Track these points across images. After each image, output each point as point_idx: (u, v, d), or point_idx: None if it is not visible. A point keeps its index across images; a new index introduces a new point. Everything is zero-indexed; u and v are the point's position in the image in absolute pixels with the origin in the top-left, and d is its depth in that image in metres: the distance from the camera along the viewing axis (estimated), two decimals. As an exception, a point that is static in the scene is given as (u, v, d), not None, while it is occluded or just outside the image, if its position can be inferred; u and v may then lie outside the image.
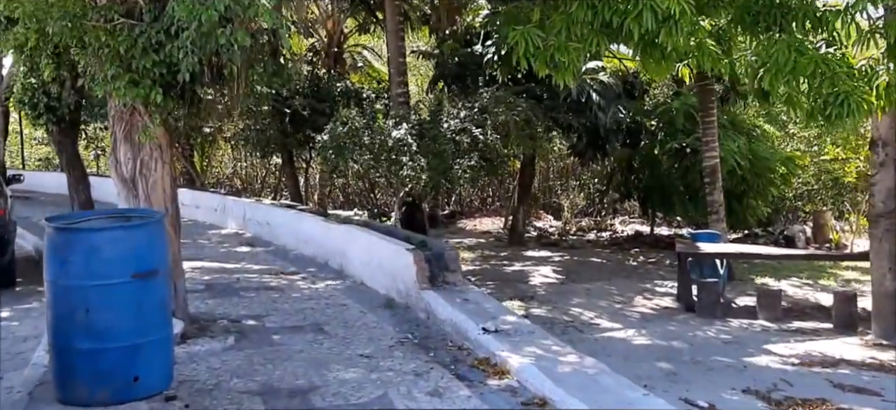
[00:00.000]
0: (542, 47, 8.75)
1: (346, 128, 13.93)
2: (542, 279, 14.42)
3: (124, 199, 6.48)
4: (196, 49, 5.38)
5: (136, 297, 4.82)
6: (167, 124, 6.50)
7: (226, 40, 5.27)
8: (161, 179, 6.50)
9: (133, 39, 5.67)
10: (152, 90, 5.83)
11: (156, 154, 6.46)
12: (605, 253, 17.94)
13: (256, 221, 13.42)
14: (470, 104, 13.78)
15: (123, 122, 6.38)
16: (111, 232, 4.88)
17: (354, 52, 25.06)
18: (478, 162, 12.95)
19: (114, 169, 6.51)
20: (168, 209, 6.57)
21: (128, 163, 6.47)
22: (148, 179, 6.45)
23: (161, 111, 6.25)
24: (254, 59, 5.98)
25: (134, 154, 6.44)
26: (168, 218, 6.54)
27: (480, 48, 16.81)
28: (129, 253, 4.80)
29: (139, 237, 4.91)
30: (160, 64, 5.77)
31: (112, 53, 5.70)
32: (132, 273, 4.79)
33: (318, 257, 10.75)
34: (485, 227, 23.21)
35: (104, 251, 4.74)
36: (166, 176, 6.55)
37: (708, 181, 14.17)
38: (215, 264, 10.51)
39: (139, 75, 5.80)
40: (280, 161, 20.82)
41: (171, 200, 6.61)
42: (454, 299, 7.09)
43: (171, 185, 6.63)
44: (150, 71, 5.78)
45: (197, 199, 16.17)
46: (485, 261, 16.38)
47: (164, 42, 5.60)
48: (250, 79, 6.00)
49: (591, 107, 15.50)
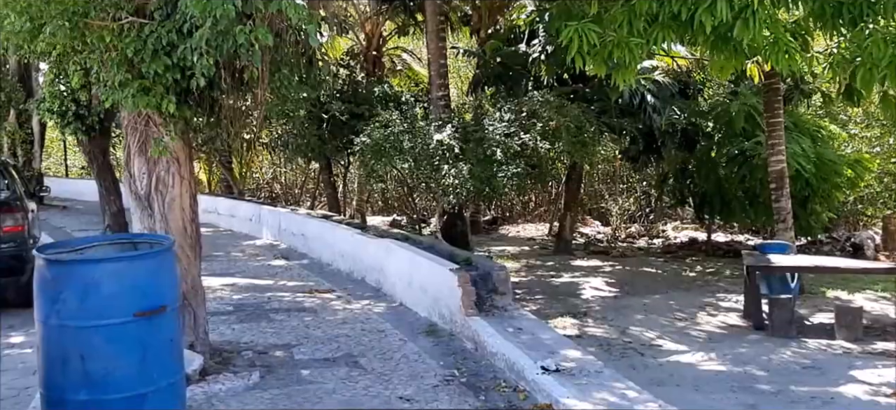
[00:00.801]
0: (598, 44, 7.97)
1: (385, 131, 13.26)
2: (593, 292, 13.55)
3: (138, 219, 5.83)
4: (212, 50, 4.68)
5: (140, 339, 4.13)
6: (185, 135, 5.83)
7: (245, 39, 4.57)
8: (179, 197, 5.83)
9: (142, 40, 5.00)
10: (165, 98, 5.16)
11: (173, 168, 5.80)
12: (658, 263, 17.00)
13: (291, 232, 12.80)
14: (516, 107, 12.98)
15: (137, 133, 5.73)
16: (110, 264, 4.19)
17: (394, 55, 24.41)
18: (524, 169, 12.14)
19: (127, 185, 5.87)
20: (187, 229, 5.91)
21: (142, 179, 5.82)
22: (164, 196, 5.79)
23: (177, 121, 5.58)
24: (280, 62, 5.26)
25: (149, 169, 5.79)
26: (187, 239, 5.89)
27: (525, 47, 16.05)
28: (132, 288, 4.12)
29: (144, 268, 4.22)
30: (173, 68, 5.10)
31: (119, 57, 5.04)
32: (135, 311, 4.10)
33: (355, 272, 10.06)
34: (528, 233, 22.38)
35: (102, 286, 4.06)
36: (185, 193, 5.88)
37: (774, 187, 13.16)
38: (247, 280, 9.88)
39: (150, 81, 5.13)
40: (318, 167, 20.26)
41: (190, 220, 5.94)
42: (505, 328, 6.31)
43: (191, 203, 5.96)
44: (162, 76, 5.11)
45: (233, 208, 15.64)
46: (531, 272, 15.55)
47: (176, 43, 4.92)
48: (276, 84, 5.29)
49: (644, 108, 14.59)
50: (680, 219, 22.51)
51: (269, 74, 5.10)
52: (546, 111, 12.38)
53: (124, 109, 5.30)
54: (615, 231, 20.90)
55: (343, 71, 18.76)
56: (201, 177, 27.94)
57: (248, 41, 4.56)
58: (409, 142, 13.02)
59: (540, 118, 12.56)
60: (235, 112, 5.48)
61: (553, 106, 12.46)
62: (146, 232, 5.52)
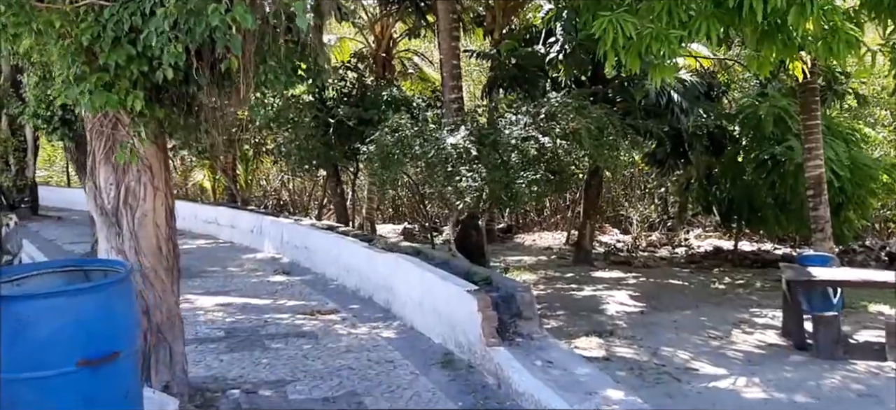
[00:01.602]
0: (634, 37, 7.11)
1: (394, 136, 12.41)
2: (618, 307, 12.66)
3: (105, 237, 4.98)
4: (181, 34, 3.83)
5: (84, 394, 3.29)
6: (159, 139, 4.98)
7: (220, 20, 3.72)
8: (152, 211, 4.98)
9: (101, 25, 4.16)
10: (130, 95, 4.31)
11: (145, 178, 4.95)
12: (684, 274, 16.09)
13: (294, 245, 11.95)
14: (534, 109, 12.09)
15: (103, 138, 4.88)
16: (47, 299, 3.34)
17: (404, 57, 23.60)
18: (544, 175, 11.24)
19: (92, 198, 5.02)
20: (162, 249, 5.06)
21: (109, 191, 4.97)
22: (134, 211, 4.94)
23: (148, 122, 4.74)
24: (266, 51, 4.40)
25: (117, 178, 4.94)
26: (162, 261, 5.03)
27: (542, 47, 15.19)
28: (76, 330, 3.29)
29: (91, 304, 3.38)
30: (139, 59, 4.26)
31: (74, 46, 4.19)
32: (79, 358, 3.26)
33: (362, 290, 9.20)
34: (545, 242, 21.48)
35: (37, 327, 3.23)
36: (160, 206, 5.04)
37: (812, 194, 12.26)
38: (242, 300, 9.03)
39: (111, 75, 4.29)
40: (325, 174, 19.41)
41: (166, 238, 5.09)
42: (533, 360, 5.43)
43: (168, 218, 5.11)
44: (125, 68, 4.26)
45: (234, 219, 14.81)
46: (549, 284, 14.65)
47: (140, 27, 4.07)
48: (262, 78, 4.43)
49: (672, 109, 13.68)
50: (702, 227, 21.54)
51: (253, 66, 4.24)
52: (566, 112, 11.48)
53: (84, 109, 4.44)
54: (636, 239, 19.96)
55: (351, 74, 17.92)
56: (205, 185, 27.23)
57: (223, 23, 3.71)
58: (420, 148, 12.17)
59: (559, 120, 11.67)
60: (215, 112, 4.61)
61: (573, 107, 11.56)
62: (104, 257, 4.67)
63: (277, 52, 4.39)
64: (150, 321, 4.91)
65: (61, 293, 3.45)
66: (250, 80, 4.25)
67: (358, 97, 16.93)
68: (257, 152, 19.40)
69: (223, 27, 3.78)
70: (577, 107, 11.49)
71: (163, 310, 4.99)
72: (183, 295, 9.54)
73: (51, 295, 3.41)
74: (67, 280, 3.77)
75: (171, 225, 5.14)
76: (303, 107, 15.70)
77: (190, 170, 26.66)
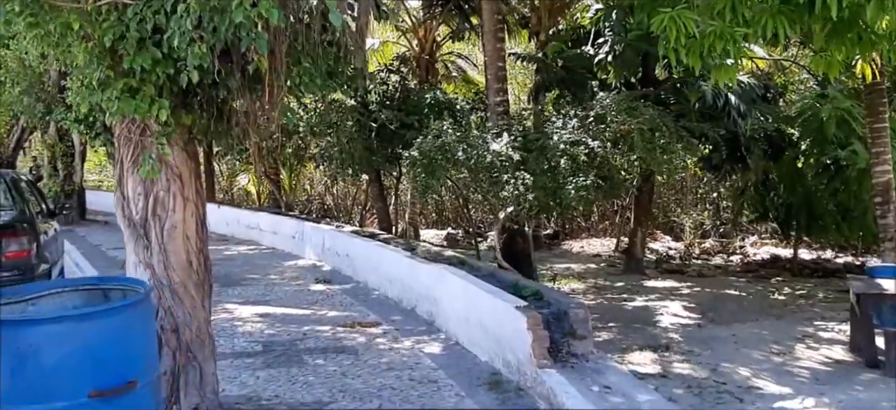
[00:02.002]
0: (697, 35, 6.66)
1: (437, 142, 12.05)
2: (672, 319, 12.12)
3: (132, 250, 4.71)
4: (206, 33, 3.52)
5: (96, 429, 2.97)
6: (189, 146, 4.69)
7: (244, 16, 3.38)
8: (182, 222, 4.69)
9: (124, 25, 3.87)
10: (155, 103, 4.01)
11: (175, 188, 4.66)
12: (741, 283, 15.45)
13: (335, 252, 11.66)
14: (583, 112, 11.63)
15: (131, 145, 4.60)
16: (55, 324, 3.04)
17: (448, 60, 23.27)
18: (594, 181, 10.76)
19: (119, 209, 4.75)
20: (192, 263, 4.76)
21: (137, 201, 4.70)
22: (163, 222, 4.65)
23: (179, 130, 4.45)
24: (300, 52, 4.07)
25: (145, 188, 4.66)
26: (192, 275, 4.74)
27: (591, 49, 14.71)
28: (87, 357, 2.99)
29: (105, 329, 3.07)
30: (165, 62, 3.95)
31: (96, 49, 3.91)
32: (91, 389, 2.95)
33: (404, 301, 8.85)
34: (593, 249, 20.93)
35: (44, 354, 2.93)
36: (190, 217, 4.74)
37: (880, 201, 11.55)
38: (282, 310, 8.75)
39: (137, 80, 3.99)
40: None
41: (197, 251, 4.79)
42: (588, 385, 5.01)
43: (199, 230, 4.81)
44: (150, 72, 3.96)
45: (276, 224, 14.62)
46: (599, 294, 14.15)
47: (164, 27, 3.77)
48: (296, 81, 4.10)
49: (728, 112, 13.07)
50: (757, 234, 20.74)
51: (285, 68, 3.91)
52: (617, 114, 10.99)
53: (109, 116, 4.16)
54: (689, 247, 19.28)
55: (393, 77, 17.63)
56: (250, 190, 27.24)
57: (248, 19, 3.38)
58: (463, 154, 11.79)
59: (609, 123, 11.18)
60: (247, 116, 4.29)
61: (624, 108, 11.07)
62: (131, 272, 4.38)
63: (312, 52, 4.05)
64: (180, 340, 4.62)
65: (68, 317, 3.15)
66: (282, 83, 3.92)
67: (400, 101, 16.63)
68: (300, 157, 19.22)
69: (248, 24, 3.45)
70: (627, 108, 11.00)
71: (193, 328, 4.69)
72: (222, 305, 9.35)
73: (57, 319, 3.12)
74: (85, 300, 3.47)
75: (202, 237, 4.84)
76: (344, 111, 15.44)
77: (235, 174, 26.74)
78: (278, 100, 4.03)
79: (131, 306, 3.21)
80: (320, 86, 4.19)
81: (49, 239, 8.61)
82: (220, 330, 7.74)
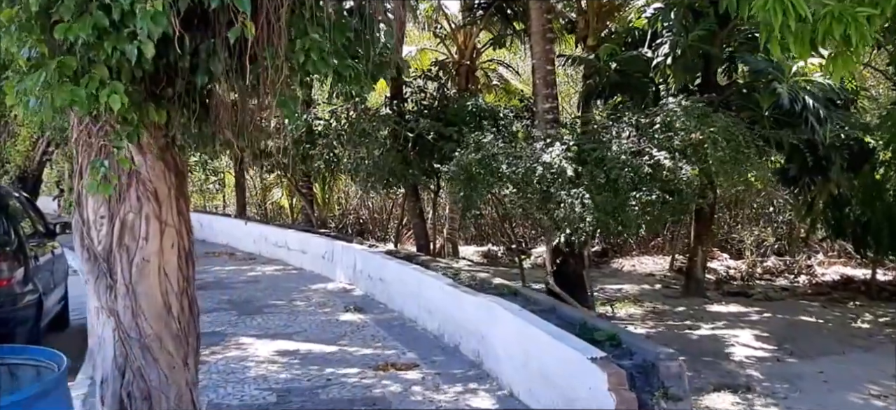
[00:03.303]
0: (808, 18, 5.32)
1: (478, 154, 10.84)
2: (746, 350, 10.75)
3: (93, 290, 3.56)
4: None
5: None
6: (167, 153, 3.54)
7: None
8: (157, 254, 3.54)
9: (58, -17, 2.73)
10: (106, 88, 2.86)
11: (148, 209, 3.51)
12: (814, 308, 13.96)
13: (368, 275, 10.48)
14: (646, 119, 10.34)
15: (92, 152, 3.47)
16: None
17: (488, 68, 22.06)
18: (660, 196, 9.45)
19: (77, 236, 3.61)
20: (171, 308, 3.61)
21: (100, 226, 3.56)
22: (132, 254, 3.51)
23: (142, 129, 3.30)
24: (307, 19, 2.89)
25: (111, 210, 3.52)
26: (171, 324, 3.57)
27: (648, 51, 13.39)
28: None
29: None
30: (117, 36, 2.80)
31: (24, 15, 2.77)
32: None
33: (447, 336, 7.62)
34: (645, 268, 19.49)
35: None
36: (170, 247, 3.60)
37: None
38: (304, 346, 7.57)
39: (77, 59, 2.85)
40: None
41: (178, 292, 3.64)
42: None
43: (182, 264, 3.66)
44: (96, 49, 2.81)
45: (304, 243, 13.51)
46: (659, 319, 12.78)
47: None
48: (300, 59, 2.92)
49: (805, 118, 11.64)
50: (823, 252, 19.11)
51: (285, 40, 2.74)
52: (687, 121, 9.66)
53: (41, 111, 3.01)
54: (751, 267, 17.74)
55: (431, 84, 16.49)
56: (283, 204, 26.23)
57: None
58: (508, 166, 10.56)
59: (677, 131, 9.86)
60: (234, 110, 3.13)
61: (696, 114, 9.74)
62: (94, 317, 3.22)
63: (323, 20, 2.88)
64: (152, 411, 3.47)
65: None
66: (280, 61, 2.74)
67: (439, 109, 15.48)
68: (333, 169, 18.10)
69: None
70: (700, 115, 9.67)
71: (171, 397, 3.53)
72: (236, 339, 8.21)
73: None
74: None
75: (185, 274, 3.69)
76: (378, 119, 14.34)
77: (269, 188, 25.78)
78: (277, 85, 2.86)
79: (35, 397, 2.05)
80: (335, 68, 3.01)
81: (43, 263, 7.56)
82: (230, 372, 6.60)
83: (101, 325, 3.55)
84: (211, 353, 7.28)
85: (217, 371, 6.65)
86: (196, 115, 3.32)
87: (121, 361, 3.45)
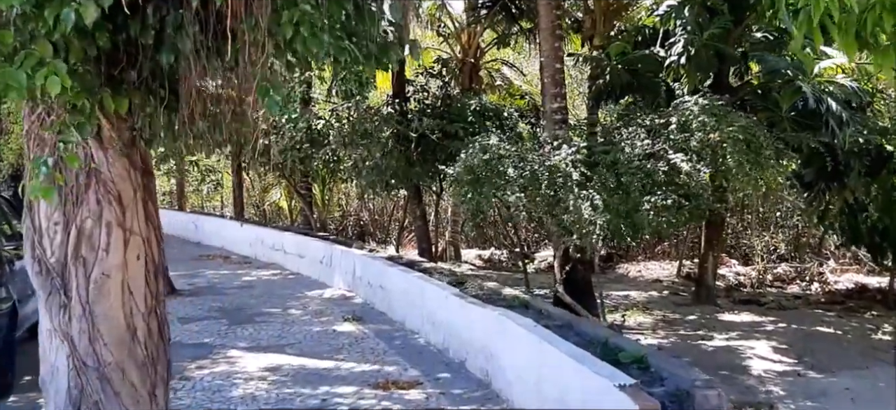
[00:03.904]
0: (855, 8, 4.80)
1: (484, 156, 10.32)
2: (764, 363, 10.26)
3: (45, 307, 3.03)
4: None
5: None
6: (134, 152, 3.01)
7: None
8: (120, 267, 3.02)
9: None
10: (43, 70, 2.33)
11: (110, 214, 2.99)
12: (830, 318, 13.46)
13: (368, 282, 9.94)
14: (661, 119, 9.82)
15: (44, 145, 2.94)
16: None
17: (492, 68, 21.52)
18: (676, 201, 8.93)
19: (28, 246, 3.08)
20: (136, 332, 3.09)
21: (53, 235, 3.03)
22: (90, 268, 2.98)
23: (117, 125, 2.78)
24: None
25: (66, 214, 2.99)
26: (136, 352, 3.05)
27: (661, 49, 12.85)
28: None
29: None
30: (62, 2, 2.27)
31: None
32: None
33: (451, 351, 7.08)
34: (652, 274, 18.95)
35: None
36: (135, 260, 3.08)
37: None
38: (298, 360, 7.03)
39: (19, 36, 2.32)
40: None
41: (145, 313, 3.11)
42: None
43: (150, 279, 3.13)
44: (36, 21, 2.28)
45: (302, 246, 12.96)
46: (670, 329, 12.26)
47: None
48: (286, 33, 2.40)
49: (826, 120, 11.12)
50: (835, 259, 18.56)
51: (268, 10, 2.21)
52: (706, 121, 9.14)
53: None
54: (761, 274, 17.21)
55: (434, 82, 15.97)
56: (282, 205, 25.63)
57: None
58: (515, 169, 10.03)
59: (694, 131, 9.33)
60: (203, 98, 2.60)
61: (715, 114, 9.22)
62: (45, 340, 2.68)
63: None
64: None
65: None
66: (263, 37, 2.23)
67: (442, 108, 14.94)
68: (332, 170, 17.53)
69: None
70: (720, 115, 9.14)
71: (134, 437, 2.99)
72: (224, 352, 7.65)
73: None
74: None
75: (154, 291, 3.16)
76: (380, 119, 13.81)
77: (267, 189, 25.22)
78: (257, 67, 2.34)
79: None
80: (329, 47, 2.49)
81: (19, 268, 7.02)
82: (215, 390, 6.06)
83: (54, 351, 3.03)
84: (197, 367, 6.75)
85: (202, 388, 6.12)
86: (165, 104, 2.80)
87: (75, 393, 2.94)
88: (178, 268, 12.47)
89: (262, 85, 2.51)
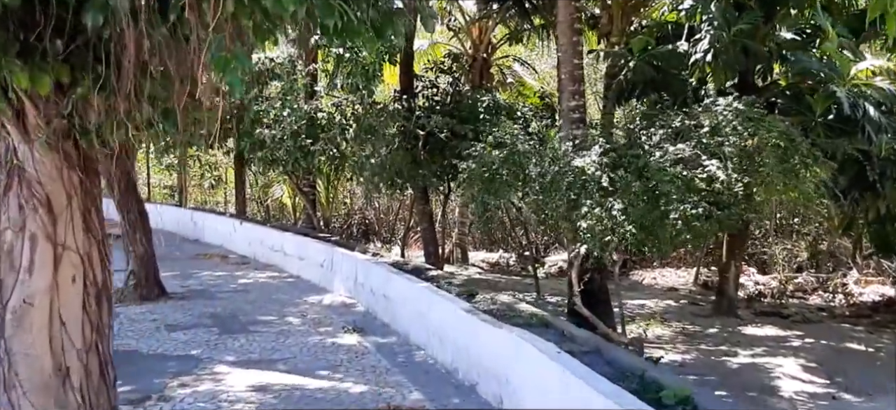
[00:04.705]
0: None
1: (501, 153, 9.66)
2: (795, 384, 9.60)
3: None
4: None
5: None
6: (69, 144, 2.33)
7: None
8: (49, 291, 2.36)
9: None
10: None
11: (35, 224, 2.36)
12: (859, 333, 12.85)
13: (370, 289, 9.25)
14: (690, 121, 9.12)
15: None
16: None
17: (504, 64, 20.80)
18: (707, 209, 8.22)
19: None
20: (69, 376, 2.39)
21: (-38, 250, 2.34)
22: (7, 295, 2.30)
23: (44, 110, 2.10)
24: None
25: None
26: (66, 398, 2.36)
27: (687, 45, 12.13)
28: None
29: None
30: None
31: None
32: None
33: (461, 372, 6.39)
34: (667, 281, 18.28)
35: None
36: (69, 282, 2.40)
37: None
38: (290, 379, 6.35)
39: None
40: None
41: (81, 349, 2.42)
42: None
43: (90, 307, 2.45)
44: None
45: (302, 248, 12.26)
46: (691, 343, 11.58)
47: None
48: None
49: (863, 126, 10.39)
50: (858, 269, 17.80)
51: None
52: (741, 126, 8.43)
53: None
54: (783, 284, 16.48)
55: (443, 77, 15.28)
56: (285, 202, 24.90)
57: None
58: (536, 168, 9.36)
59: (728, 136, 8.62)
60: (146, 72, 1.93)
61: (751, 117, 8.51)
62: None
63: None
64: None
65: None
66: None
67: (452, 105, 14.25)
68: (336, 167, 16.82)
69: None
70: (757, 120, 8.42)
71: None
72: (210, 367, 6.99)
73: None
74: None
75: (95, 322, 2.48)
76: (386, 115, 13.15)
77: (269, 185, 24.51)
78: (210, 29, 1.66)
79: None
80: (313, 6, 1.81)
81: None
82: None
83: (-37, 397, 2.36)
84: (179, 385, 6.08)
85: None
86: (100, 84, 2.13)
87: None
88: (172, 268, 11.82)
89: (221, 55, 1.84)
